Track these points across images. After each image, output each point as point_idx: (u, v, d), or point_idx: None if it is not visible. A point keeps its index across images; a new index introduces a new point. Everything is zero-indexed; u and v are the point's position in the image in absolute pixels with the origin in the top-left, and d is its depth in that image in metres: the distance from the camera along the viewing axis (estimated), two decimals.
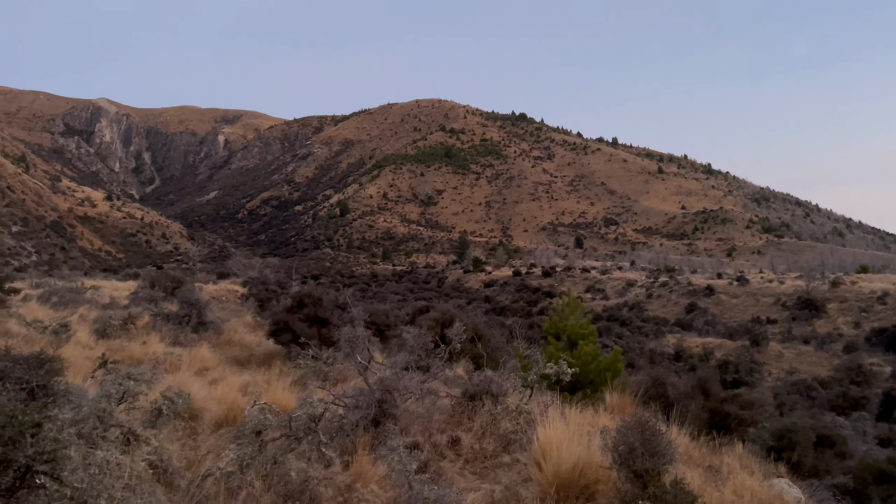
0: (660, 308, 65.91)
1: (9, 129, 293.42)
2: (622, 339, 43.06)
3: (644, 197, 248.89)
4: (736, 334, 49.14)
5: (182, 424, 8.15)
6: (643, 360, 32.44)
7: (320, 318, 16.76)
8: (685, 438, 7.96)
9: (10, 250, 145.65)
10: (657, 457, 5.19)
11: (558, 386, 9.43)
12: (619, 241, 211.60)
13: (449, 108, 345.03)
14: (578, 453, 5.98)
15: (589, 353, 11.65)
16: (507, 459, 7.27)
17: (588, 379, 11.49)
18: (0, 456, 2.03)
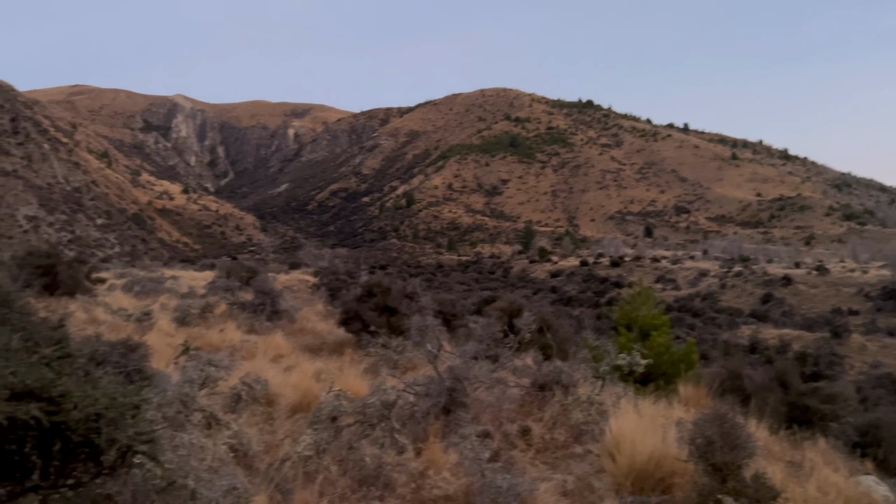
0: (734, 299, 63.95)
1: (93, 127, 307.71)
2: (694, 331, 42.03)
3: (717, 184, 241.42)
4: (815, 326, 47.24)
5: (260, 409, 8.41)
6: (716, 352, 31.59)
7: (389, 307, 16.95)
8: (764, 432, 7.73)
9: (95, 242, 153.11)
10: (737, 450, 5.05)
11: (630, 377, 9.28)
12: (690, 229, 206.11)
13: (514, 97, 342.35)
14: (654, 445, 5.89)
15: (661, 345, 11.42)
16: (578, 450, 7.23)
17: (661, 370, 11.27)
18: (105, 436, 2.14)
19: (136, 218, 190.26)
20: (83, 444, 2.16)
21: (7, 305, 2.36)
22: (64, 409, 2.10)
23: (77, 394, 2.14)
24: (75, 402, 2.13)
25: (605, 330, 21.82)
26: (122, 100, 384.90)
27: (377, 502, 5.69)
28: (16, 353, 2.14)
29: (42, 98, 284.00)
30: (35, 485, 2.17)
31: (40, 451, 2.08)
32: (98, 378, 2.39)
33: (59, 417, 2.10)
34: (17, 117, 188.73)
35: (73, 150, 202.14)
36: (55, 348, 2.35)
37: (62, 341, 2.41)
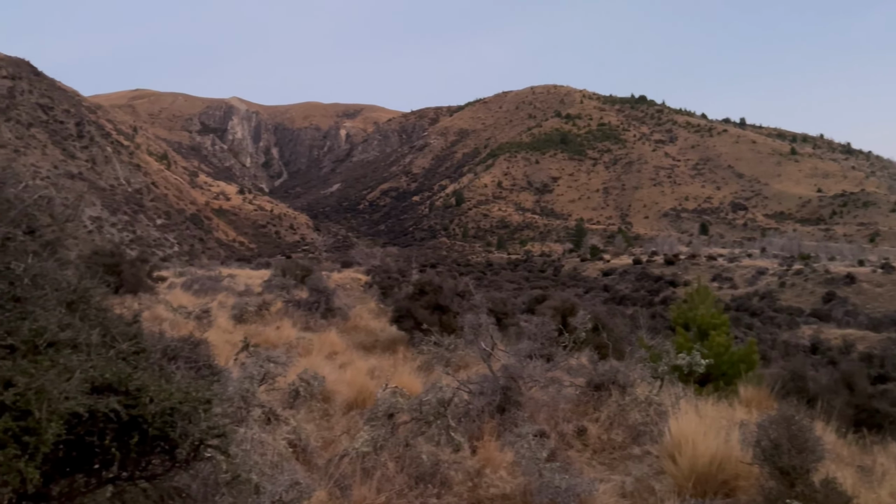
0: (794, 297, 62.05)
1: (153, 130, 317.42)
2: (752, 331, 40.90)
3: (775, 180, 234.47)
4: (881, 326, 45.44)
5: (317, 406, 8.53)
6: (776, 353, 30.67)
7: (440, 305, 16.98)
8: (831, 436, 7.47)
9: (155, 241, 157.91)
10: (805, 454, 4.89)
11: (690, 378, 9.09)
12: (747, 226, 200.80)
13: (564, 94, 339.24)
14: (716, 447, 5.75)
15: (721, 344, 11.14)
16: (637, 451, 7.11)
17: (720, 371, 11.00)
18: (180, 429, 2.20)
19: (194, 218, 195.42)
20: (159, 438, 2.22)
21: (85, 301, 2.44)
22: (141, 402, 2.17)
23: (153, 388, 2.20)
24: (151, 395, 2.19)
25: (660, 329, 21.41)
26: (181, 103, 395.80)
27: (434, 500, 5.70)
28: (95, 348, 2.22)
29: (105, 102, 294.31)
30: (114, 476, 2.24)
31: (119, 443, 2.15)
32: (171, 373, 2.46)
33: (136, 411, 2.16)
34: (82, 121, 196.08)
35: (135, 153, 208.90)
36: (131, 343, 2.42)
37: (137, 337, 2.49)
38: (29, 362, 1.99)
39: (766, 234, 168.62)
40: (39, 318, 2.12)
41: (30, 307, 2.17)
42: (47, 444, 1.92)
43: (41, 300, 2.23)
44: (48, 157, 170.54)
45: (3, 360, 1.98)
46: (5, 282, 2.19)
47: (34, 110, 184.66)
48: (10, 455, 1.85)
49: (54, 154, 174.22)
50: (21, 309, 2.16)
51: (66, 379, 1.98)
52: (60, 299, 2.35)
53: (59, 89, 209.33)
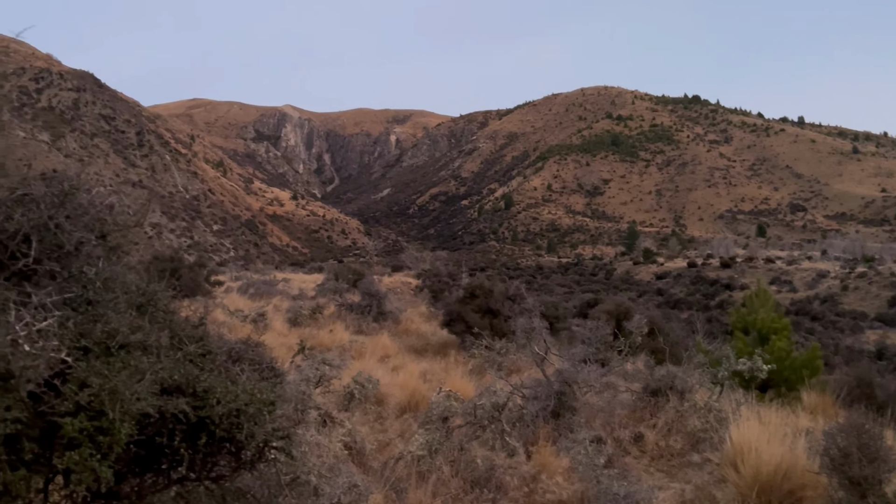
0: (857, 301, 59.80)
1: (209, 138, 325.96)
2: (813, 335, 39.55)
3: (836, 180, 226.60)
4: None
5: (370, 408, 8.59)
6: (839, 358, 29.58)
7: (491, 309, 16.93)
8: None
9: (212, 247, 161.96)
10: (877, 463, 4.68)
11: (750, 384, 8.83)
12: (807, 228, 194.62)
13: (615, 95, 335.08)
14: (780, 455, 5.56)
15: (782, 349, 10.79)
16: (696, 458, 6.93)
17: (782, 377, 10.66)
18: (246, 431, 2.23)
19: (249, 223, 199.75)
20: (225, 439, 2.26)
21: (153, 304, 2.50)
22: (208, 404, 2.20)
23: (219, 389, 2.24)
24: (218, 397, 2.22)
25: (717, 334, 20.90)
26: (236, 111, 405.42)
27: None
28: (164, 350, 2.27)
29: (163, 112, 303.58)
30: (182, 476, 2.29)
31: (188, 444, 2.19)
32: (237, 375, 2.50)
33: (204, 412, 2.20)
34: (142, 131, 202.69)
35: (192, 161, 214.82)
36: (198, 346, 2.47)
37: (203, 339, 2.54)
38: (102, 364, 2.04)
39: (827, 236, 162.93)
40: (111, 320, 2.18)
41: (101, 310, 2.24)
42: (120, 444, 1.96)
43: (112, 303, 2.30)
44: (110, 165, 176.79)
45: (77, 362, 2.04)
46: (79, 285, 2.26)
47: (97, 121, 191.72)
48: (85, 454, 1.91)
49: (116, 163, 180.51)
50: (94, 312, 2.22)
51: (137, 380, 2.03)
52: (130, 302, 2.41)
53: (121, 100, 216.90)
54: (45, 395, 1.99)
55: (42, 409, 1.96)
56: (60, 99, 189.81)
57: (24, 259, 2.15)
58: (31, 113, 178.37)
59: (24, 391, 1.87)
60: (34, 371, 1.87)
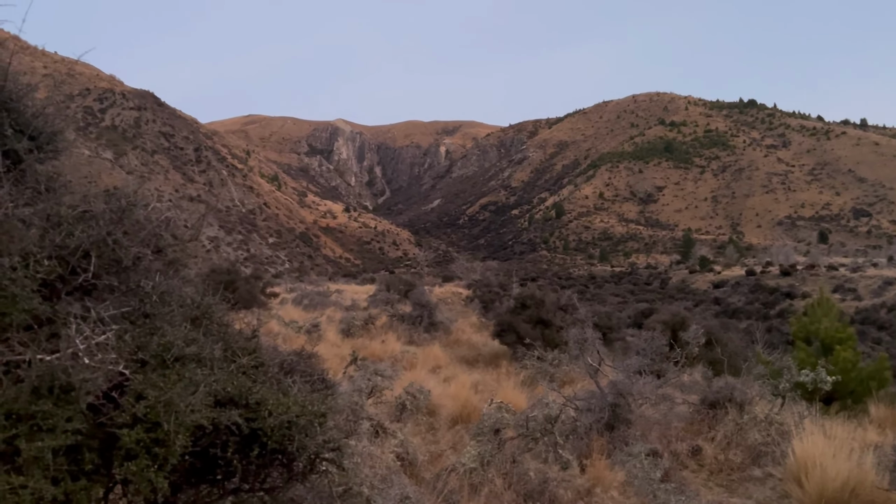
0: None
1: (264, 153, 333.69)
2: (880, 345, 37.93)
3: None
4: None
5: (422, 419, 8.59)
6: None
7: (543, 319, 16.79)
8: None
9: (267, 259, 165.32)
10: None
11: (814, 396, 8.51)
12: (872, 234, 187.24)
13: (668, 101, 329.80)
14: (848, 471, 5.33)
15: (848, 360, 10.37)
16: (757, 473, 6.71)
17: (847, 389, 10.23)
18: (298, 443, 2.24)
19: (303, 236, 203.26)
20: (277, 451, 2.28)
21: (208, 317, 2.55)
22: (260, 415, 2.23)
23: (271, 401, 2.26)
24: (270, 409, 2.25)
25: (778, 344, 20.28)
26: (289, 127, 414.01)
27: None
28: (218, 363, 2.31)
29: (220, 129, 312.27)
30: (235, 487, 2.32)
31: (240, 455, 2.22)
32: (288, 386, 2.52)
33: (256, 424, 2.23)
34: (200, 147, 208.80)
35: (248, 175, 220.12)
36: (250, 358, 2.51)
37: (256, 351, 2.57)
38: (158, 376, 2.09)
39: (894, 242, 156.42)
40: (167, 333, 2.23)
41: (158, 323, 2.29)
42: (175, 455, 2.00)
43: (168, 316, 2.35)
44: (170, 181, 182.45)
45: (135, 374, 2.09)
46: (136, 299, 2.32)
47: (157, 138, 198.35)
48: (142, 465, 1.95)
49: (175, 178, 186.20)
50: (150, 325, 2.28)
51: (191, 392, 2.07)
52: (185, 315, 2.47)
53: (180, 118, 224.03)
54: (104, 407, 2.05)
55: (101, 421, 2.02)
56: (123, 118, 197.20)
57: (84, 274, 2.22)
58: (96, 132, 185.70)
59: (84, 403, 1.93)
60: (93, 383, 1.93)
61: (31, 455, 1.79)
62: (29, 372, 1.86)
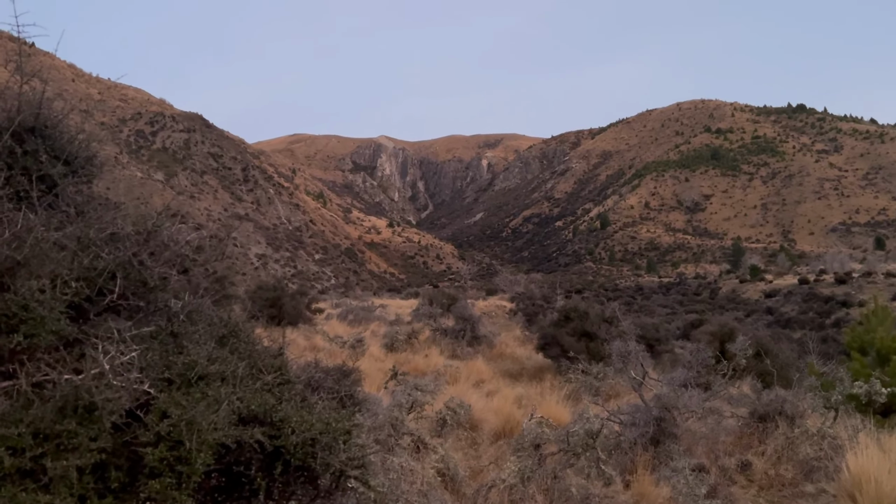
0: None
1: (309, 171, 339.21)
2: None
3: None
4: None
5: (464, 434, 8.54)
6: None
7: (587, 332, 16.58)
8: None
9: (314, 275, 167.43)
10: None
11: (869, 408, 8.19)
12: None
13: (714, 108, 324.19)
14: None
15: None
16: (809, 489, 6.48)
17: None
18: (320, 461, 2.25)
19: (349, 252, 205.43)
20: (301, 468, 2.29)
21: (235, 335, 2.58)
22: (283, 433, 2.24)
23: (295, 419, 2.27)
24: (293, 426, 2.26)
25: (833, 355, 19.60)
26: (334, 144, 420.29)
27: None
28: (242, 381, 2.34)
29: (266, 148, 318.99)
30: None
31: (264, 473, 2.23)
32: (313, 404, 2.53)
33: (279, 442, 2.24)
34: (248, 167, 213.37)
35: (294, 193, 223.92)
36: (276, 375, 2.53)
37: (282, 368, 2.59)
38: (182, 395, 2.12)
39: None
40: (191, 352, 2.26)
41: (184, 342, 2.33)
42: (198, 473, 2.02)
43: (194, 335, 2.39)
44: (219, 200, 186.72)
45: (161, 393, 2.13)
46: (163, 318, 2.36)
47: (206, 159, 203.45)
48: (165, 483, 1.98)
49: (224, 198, 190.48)
50: (177, 344, 2.32)
51: (214, 410, 2.09)
52: (213, 334, 2.50)
53: (227, 138, 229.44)
54: (129, 426, 2.09)
55: (127, 440, 2.06)
56: (173, 140, 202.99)
57: (110, 295, 2.28)
58: (147, 154, 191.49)
59: (108, 422, 1.96)
60: (116, 403, 1.97)
61: (57, 473, 1.83)
62: (54, 392, 1.91)
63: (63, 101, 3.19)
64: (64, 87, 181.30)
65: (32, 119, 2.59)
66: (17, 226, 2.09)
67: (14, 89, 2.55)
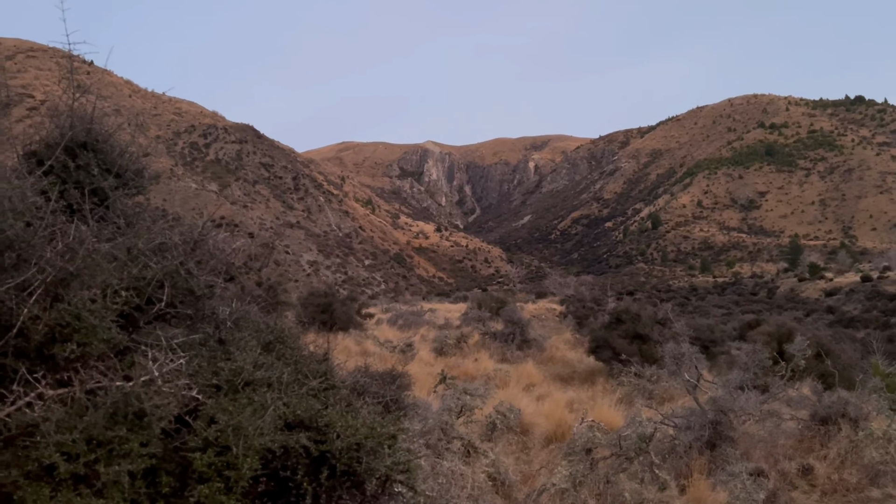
0: None
1: (358, 178, 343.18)
2: None
3: None
4: None
5: (514, 438, 8.49)
6: None
7: (639, 334, 16.32)
8: None
9: (364, 281, 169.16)
10: None
11: None
12: None
13: (767, 102, 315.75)
14: None
15: None
16: (875, 494, 6.23)
17: None
18: (365, 466, 2.25)
19: (398, 257, 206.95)
20: (347, 473, 2.30)
21: (281, 341, 2.62)
22: (329, 438, 2.26)
23: (340, 424, 2.29)
24: (338, 431, 2.28)
25: None
26: (381, 151, 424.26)
27: None
28: (288, 386, 2.37)
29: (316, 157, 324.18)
30: None
31: (310, 478, 2.25)
32: (358, 409, 2.55)
33: (325, 447, 2.26)
34: (298, 176, 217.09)
35: (343, 201, 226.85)
36: (321, 380, 2.56)
37: (327, 374, 2.62)
38: (229, 401, 2.16)
39: None
40: (237, 358, 2.30)
41: (231, 348, 2.37)
42: (245, 479, 2.05)
43: (241, 342, 2.43)
44: (271, 209, 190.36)
45: (209, 399, 2.17)
46: (211, 325, 2.41)
47: (258, 169, 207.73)
48: (213, 488, 2.01)
49: (276, 206, 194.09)
50: (224, 350, 2.36)
51: (260, 416, 2.12)
52: (259, 340, 2.54)
53: (278, 148, 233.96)
54: (179, 432, 2.13)
55: (176, 445, 2.10)
56: (226, 151, 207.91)
57: (158, 304, 2.34)
58: (202, 165, 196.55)
59: (157, 428, 2.01)
60: (164, 409, 2.01)
61: (110, 479, 1.88)
62: (105, 398, 1.96)
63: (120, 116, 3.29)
64: (121, 102, 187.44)
65: (84, 134, 2.69)
66: (69, 238, 2.17)
67: (66, 106, 2.65)
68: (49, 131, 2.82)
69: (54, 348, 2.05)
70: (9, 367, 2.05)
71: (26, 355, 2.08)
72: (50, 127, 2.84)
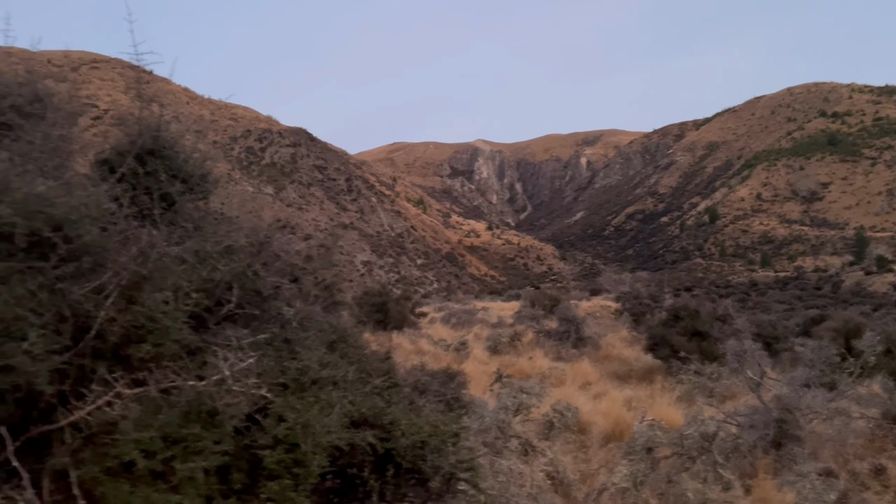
0: None
1: (409, 178, 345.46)
2: None
3: None
4: None
5: (572, 437, 8.42)
6: None
7: (699, 331, 15.99)
8: None
9: (416, 280, 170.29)
10: None
11: None
12: None
13: (828, 90, 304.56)
14: None
15: None
16: None
17: None
18: (430, 463, 2.27)
19: (449, 256, 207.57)
20: (412, 470, 2.33)
21: (344, 340, 2.66)
22: (393, 436, 2.29)
23: (404, 422, 2.32)
24: (403, 429, 2.30)
25: None
26: (432, 151, 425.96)
27: None
28: (353, 385, 2.40)
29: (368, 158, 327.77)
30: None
31: (377, 475, 2.28)
32: (421, 407, 2.57)
33: (390, 444, 2.29)
34: (351, 177, 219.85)
35: (395, 201, 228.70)
36: (384, 379, 2.59)
37: (390, 372, 2.65)
38: (296, 399, 2.21)
39: None
40: (304, 357, 2.35)
41: (297, 348, 2.42)
42: (314, 476, 2.09)
43: (306, 341, 2.48)
44: (325, 211, 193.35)
45: (277, 398, 2.22)
46: (277, 325, 2.47)
47: (311, 171, 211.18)
48: (283, 485, 2.06)
49: (329, 208, 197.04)
50: (290, 349, 2.42)
51: (327, 414, 2.16)
52: (323, 339, 2.59)
53: (331, 151, 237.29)
54: (249, 430, 2.19)
55: (247, 443, 2.16)
56: (280, 155, 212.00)
57: (227, 305, 2.41)
58: (258, 169, 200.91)
59: (230, 426, 2.07)
60: (236, 408, 2.07)
61: (185, 475, 1.95)
62: (179, 397, 2.03)
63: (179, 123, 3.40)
64: (180, 109, 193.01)
65: (151, 142, 2.79)
66: (142, 242, 2.25)
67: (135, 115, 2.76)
68: (118, 139, 2.94)
69: (130, 349, 2.13)
70: (87, 367, 2.14)
71: (103, 356, 2.17)
72: (119, 135, 2.96)
